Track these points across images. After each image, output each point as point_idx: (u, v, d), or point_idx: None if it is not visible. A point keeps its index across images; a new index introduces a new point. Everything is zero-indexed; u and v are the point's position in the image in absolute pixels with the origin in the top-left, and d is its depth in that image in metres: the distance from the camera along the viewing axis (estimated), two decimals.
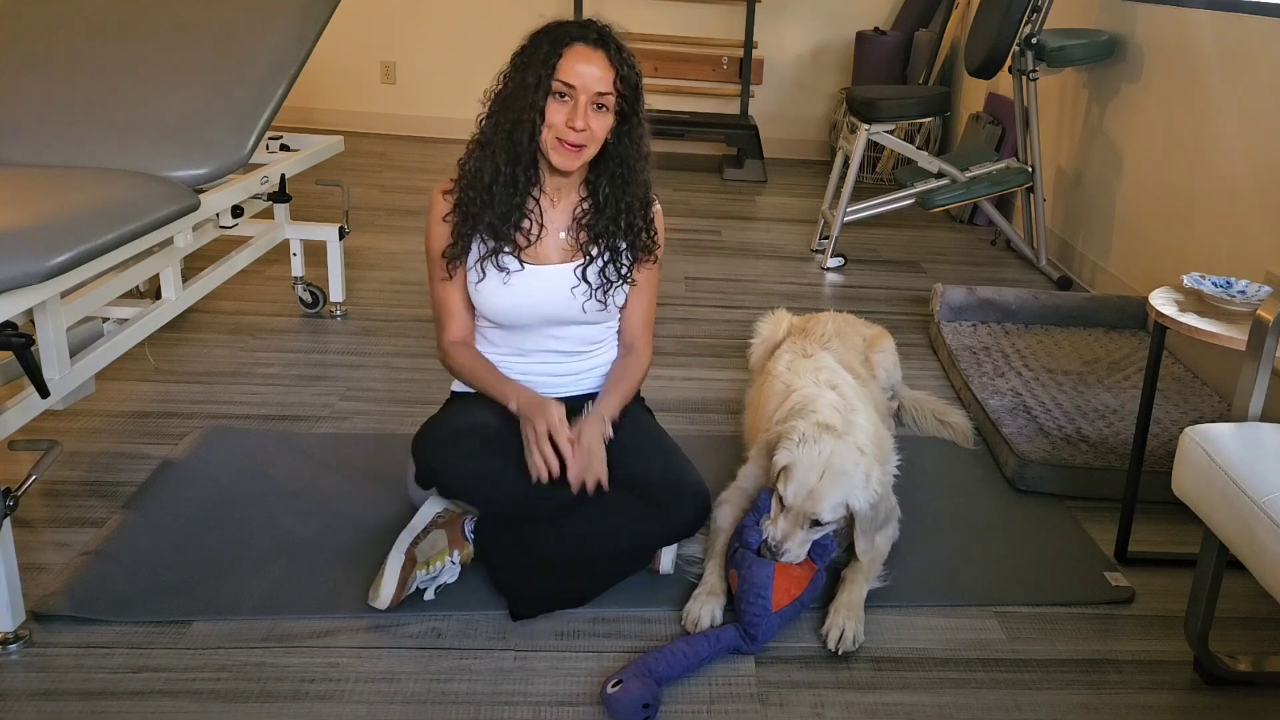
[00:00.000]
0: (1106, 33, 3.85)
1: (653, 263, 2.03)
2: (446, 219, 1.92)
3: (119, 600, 1.83)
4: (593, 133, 1.82)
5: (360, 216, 4.35)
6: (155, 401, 2.62)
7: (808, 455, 1.87)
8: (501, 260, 1.91)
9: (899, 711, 1.70)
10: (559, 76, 1.79)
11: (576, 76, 1.79)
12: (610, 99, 1.82)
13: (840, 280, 3.95)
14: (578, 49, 1.80)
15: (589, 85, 1.79)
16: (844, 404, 2.08)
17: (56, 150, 2.37)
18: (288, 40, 2.70)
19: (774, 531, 1.86)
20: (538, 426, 1.81)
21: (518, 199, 1.88)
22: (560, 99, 1.81)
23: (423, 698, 1.67)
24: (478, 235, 1.91)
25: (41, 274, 1.73)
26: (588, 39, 1.81)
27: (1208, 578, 1.73)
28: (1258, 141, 2.91)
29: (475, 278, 1.93)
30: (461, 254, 1.92)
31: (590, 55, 1.80)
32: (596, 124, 1.82)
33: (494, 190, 1.86)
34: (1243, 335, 1.88)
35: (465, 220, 1.90)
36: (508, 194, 1.87)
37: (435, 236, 1.95)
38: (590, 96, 1.80)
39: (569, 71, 1.79)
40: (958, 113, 5.51)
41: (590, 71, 1.79)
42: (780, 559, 1.84)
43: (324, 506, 2.16)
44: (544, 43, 1.81)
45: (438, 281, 1.98)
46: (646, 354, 2.09)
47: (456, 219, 1.91)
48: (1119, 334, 3.30)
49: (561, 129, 1.81)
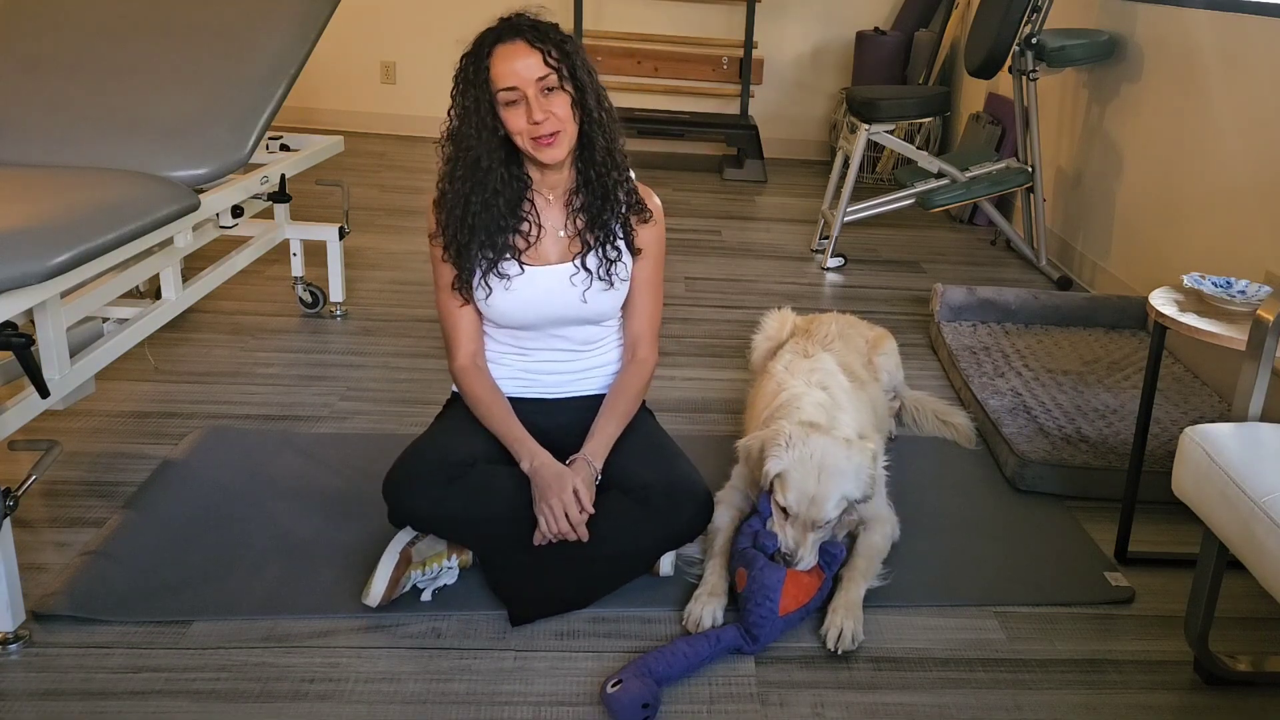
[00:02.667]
0: (1106, 33, 3.85)
1: (645, 223, 1.98)
2: (445, 259, 1.93)
3: (119, 600, 1.83)
4: (557, 116, 1.81)
5: (360, 216, 4.35)
6: (155, 401, 2.62)
7: (800, 459, 1.87)
8: (501, 268, 1.91)
9: (899, 711, 1.70)
10: (497, 85, 1.79)
11: (511, 76, 1.78)
12: (551, 78, 1.80)
13: (840, 280, 3.95)
14: (499, 51, 1.79)
15: (525, 77, 1.78)
16: (830, 403, 2.08)
17: (56, 150, 2.37)
18: (288, 40, 2.70)
19: (787, 542, 1.86)
20: (552, 503, 1.81)
21: (502, 220, 1.88)
22: (513, 105, 1.80)
23: (423, 698, 1.67)
24: (476, 256, 1.91)
25: (41, 274, 1.73)
26: (503, 36, 1.80)
27: (1208, 578, 1.73)
28: (1258, 141, 2.91)
29: (482, 294, 1.93)
30: (469, 279, 1.92)
31: (512, 50, 1.79)
32: (555, 107, 1.81)
33: (470, 221, 1.87)
34: (1243, 335, 1.88)
35: (460, 255, 1.90)
36: (489, 218, 1.87)
37: (441, 274, 1.96)
38: (533, 87, 1.78)
39: (502, 75, 1.78)
40: (958, 113, 5.51)
41: (519, 65, 1.78)
42: (796, 567, 1.84)
43: (323, 506, 2.16)
44: (469, 64, 1.82)
45: (451, 307, 1.97)
46: (651, 359, 2.06)
47: (452, 255, 1.91)
48: (1119, 334, 3.30)
49: (528, 129, 1.80)
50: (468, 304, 1.96)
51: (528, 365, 2.02)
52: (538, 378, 2.03)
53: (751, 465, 1.97)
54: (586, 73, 1.85)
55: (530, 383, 2.03)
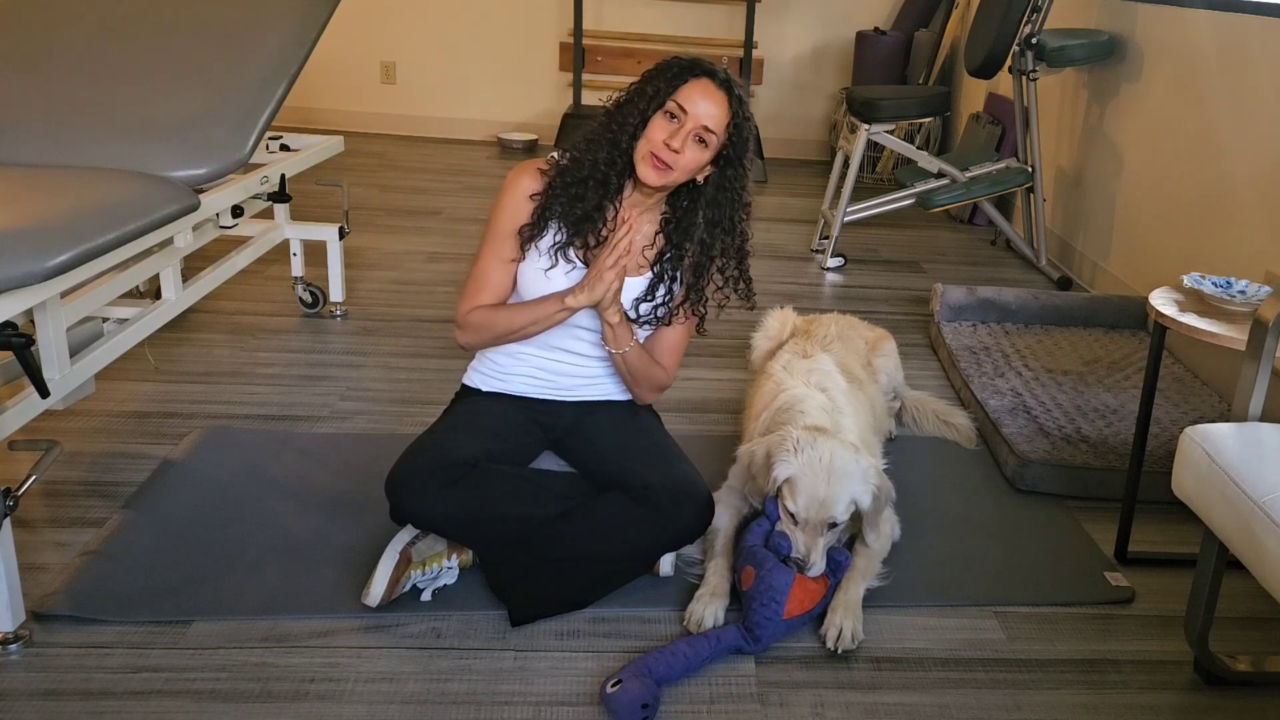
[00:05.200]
0: (1106, 33, 3.85)
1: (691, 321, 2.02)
2: (533, 197, 1.92)
3: (119, 600, 1.83)
4: (683, 160, 1.84)
5: (360, 216, 4.35)
6: (155, 401, 2.62)
7: (809, 464, 1.87)
8: (570, 253, 1.92)
9: (899, 711, 1.70)
10: (676, 98, 1.83)
11: (692, 104, 1.83)
12: (714, 138, 1.84)
13: (840, 280, 3.95)
14: (704, 83, 1.84)
15: (700, 116, 1.82)
16: (831, 405, 2.08)
17: (56, 150, 2.37)
18: (288, 40, 2.69)
19: (800, 548, 1.86)
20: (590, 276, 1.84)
21: (604, 200, 1.90)
22: (670, 119, 1.84)
23: (423, 698, 1.67)
24: (556, 222, 1.91)
25: (41, 274, 1.73)
26: (716, 78, 1.85)
27: (1208, 578, 1.73)
28: (1258, 141, 2.91)
29: (547, 264, 1.92)
30: (537, 235, 1.92)
31: (712, 92, 1.84)
32: (690, 154, 1.84)
33: (589, 184, 1.88)
34: (1243, 335, 1.88)
35: (552, 204, 1.91)
36: (598, 193, 1.89)
37: (512, 212, 1.94)
38: (697, 127, 1.83)
39: (687, 97, 1.83)
40: (958, 113, 5.51)
41: (707, 106, 1.83)
42: (807, 574, 1.85)
43: (323, 506, 2.16)
44: (674, 67, 1.86)
45: (496, 258, 1.95)
46: (669, 374, 2.07)
47: (544, 201, 1.91)
48: (1119, 334, 3.30)
49: (657, 144, 1.83)
50: (514, 262, 1.95)
51: (545, 363, 2.02)
52: (553, 378, 2.03)
53: (756, 471, 1.96)
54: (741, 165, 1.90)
55: (545, 382, 2.04)
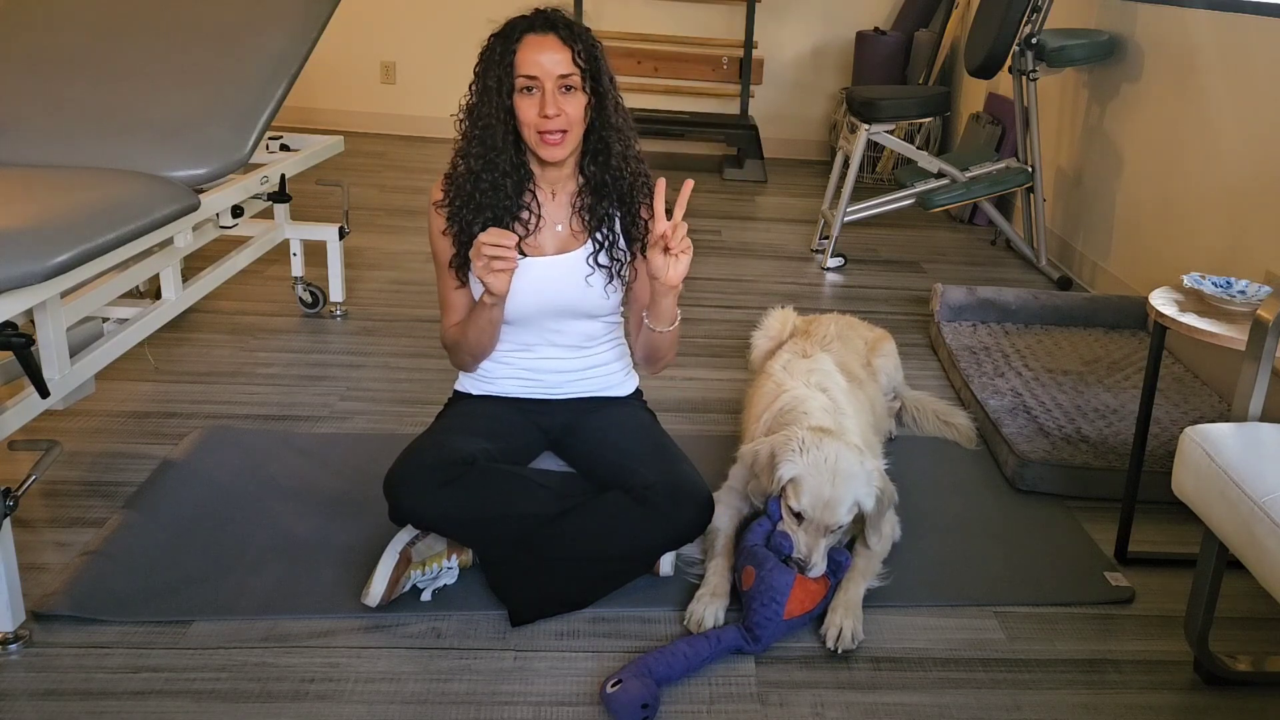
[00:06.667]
0: (1106, 33, 3.85)
1: None
2: (445, 233, 1.94)
3: (119, 600, 1.83)
4: (568, 116, 1.82)
5: (360, 216, 4.35)
6: (155, 401, 2.62)
7: (814, 464, 1.87)
8: None
9: (899, 711, 1.70)
10: (519, 72, 1.80)
11: (534, 66, 1.79)
12: (575, 78, 1.81)
13: (840, 280, 3.95)
14: (528, 40, 1.80)
15: (549, 71, 1.79)
16: (833, 406, 2.08)
17: (56, 150, 2.37)
18: (288, 40, 2.70)
19: (801, 549, 1.86)
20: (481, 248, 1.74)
21: (508, 201, 1.89)
22: (528, 93, 1.81)
23: (423, 698, 1.67)
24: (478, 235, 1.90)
25: (41, 274, 1.73)
26: (535, 27, 1.81)
27: (1208, 578, 1.73)
28: (1258, 141, 2.91)
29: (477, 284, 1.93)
30: (466, 261, 1.92)
31: (542, 42, 1.80)
32: (569, 106, 1.82)
33: (478, 199, 1.88)
34: (1243, 335, 1.88)
35: (461, 231, 1.91)
36: (496, 198, 1.88)
37: (439, 250, 1.97)
38: (554, 82, 1.80)
39: (526, 64, 1.80)
40: (958, 113, 5.51)
41: (546, 57, 1.79)
42: (808, 574, 1.85)
43: (323, 506, 2.16)
44: (496, 44, 1.83)
45: (447, 286, 1.99)
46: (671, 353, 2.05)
47: (453, 231, 1.92)
48: (1119, 334, 3.30)
49: (537, 121, 1.81)
50: (463, 286, 1.96)
51: (530, 363, 2.02)
52: (540, 376, 2.03)
53: (760, 470, 1.96)
54: (608, 79, 1.87)
55: (533, 381, 2.04)
